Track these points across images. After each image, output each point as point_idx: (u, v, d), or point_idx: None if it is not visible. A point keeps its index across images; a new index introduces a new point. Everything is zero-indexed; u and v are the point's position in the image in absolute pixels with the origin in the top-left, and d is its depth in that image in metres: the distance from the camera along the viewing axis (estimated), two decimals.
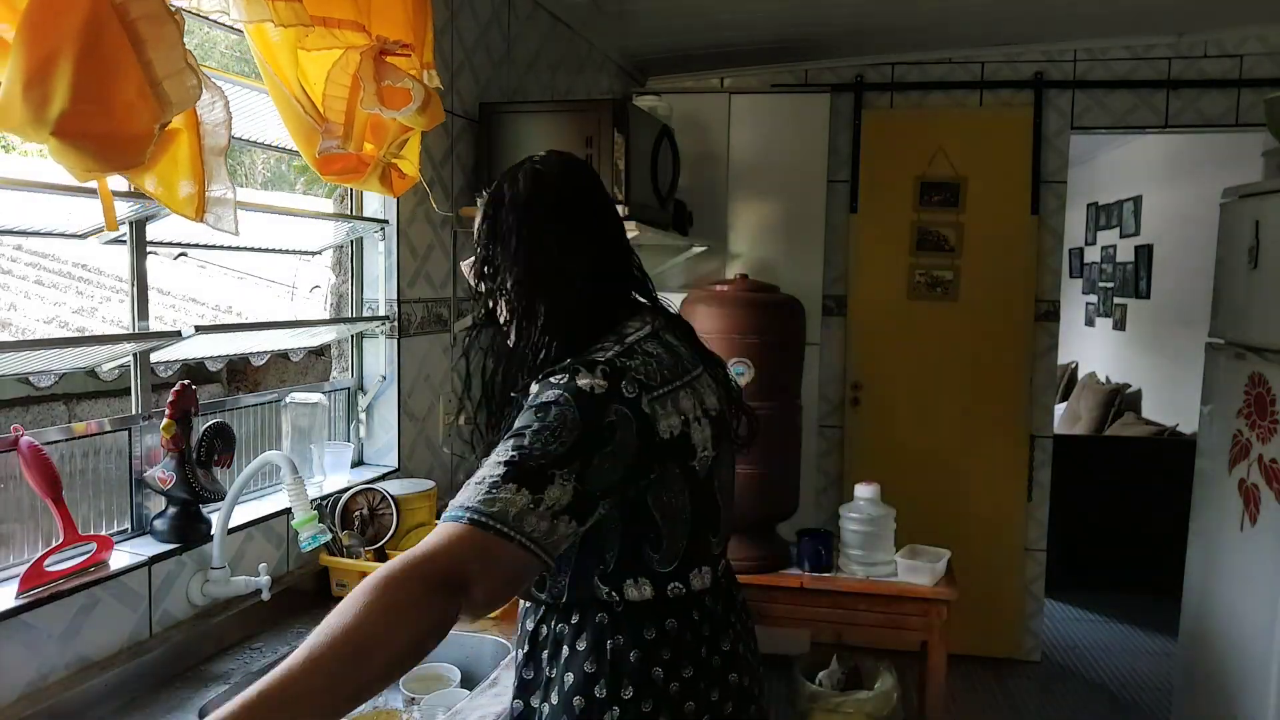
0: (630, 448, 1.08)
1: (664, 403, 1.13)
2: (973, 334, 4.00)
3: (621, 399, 1.08)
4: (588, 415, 1.06)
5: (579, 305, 1.19)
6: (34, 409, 2.58)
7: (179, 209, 1.32)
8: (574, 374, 1.09)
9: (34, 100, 1.07)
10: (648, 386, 1.12)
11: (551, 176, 1.23)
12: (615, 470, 1.07)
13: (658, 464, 1.12)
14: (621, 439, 1.07)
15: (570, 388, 1.07)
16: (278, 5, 1.38)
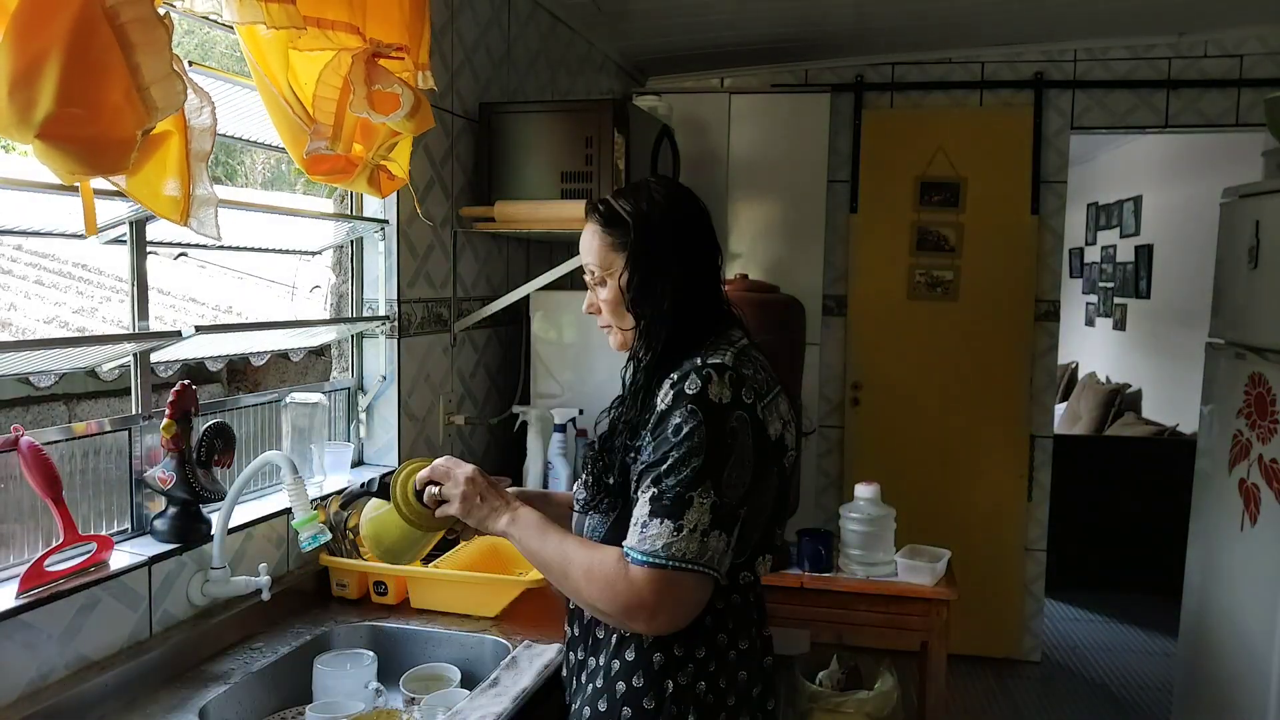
0: (749, 451, 1.22)
1: (770, 408, 1.28)
2: (973, 334, 4.00)
3: (742, 405, 1.23)
4: (714, 427, 1.20)
5: (701, 313, 1.34)
6: (34, 409, 2.58)
7: (164, 212, 1.32)
8: (706, 382, 1.22)
9: (20, 102, 1.07)
10: (760, 394, 1.27)
11: (681, 200, 1.40)
12: (745, 475, 1.22)
13: (767, 464, 1.26)
14: (743, 443, 1.22)
15: (701, 400, 1.21)
16: (270, 7, 1.38)
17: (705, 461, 1.18)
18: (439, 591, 1.83)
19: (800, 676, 2.65)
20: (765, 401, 1.28)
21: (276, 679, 1.60)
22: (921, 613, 2.36)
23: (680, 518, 1.17)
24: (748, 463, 1.22)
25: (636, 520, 1.21)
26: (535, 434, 2.49)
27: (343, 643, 1.72)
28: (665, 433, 1.21)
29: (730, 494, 1.20)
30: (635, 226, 1.35)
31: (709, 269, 1.38)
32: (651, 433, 1.23)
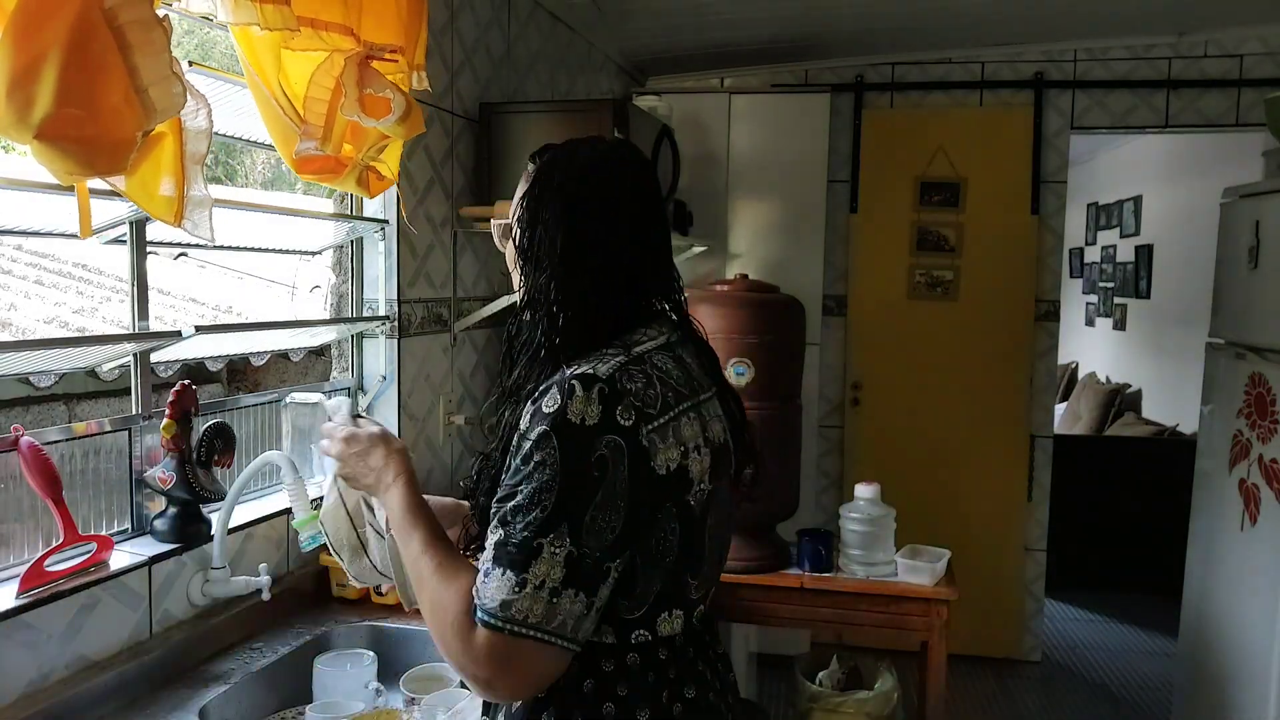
0: (623, 486, 0.97)
1: (664, 432, 1.02)
2: (973, 334, 4.00)
3: (615, 428, 0.98)
4: (572, 457, 0.96)
5: (596, 301, 1.08)
6: (34, 409, 2.58)
7: (158, 214, 1.33)
8: (569, 397, 0.97)
9: (18, 102, 1.07)
10: (647, 414, 1.01)
11: (604, 162, 1.13)
12: (614, 520, 0.97)
13: (651, 503, 1.01)
14: (613, 478, 0.97)
15: (558, 421, 0.97)
16: (265, 8, 1.38)
17: (558, 501, 0.95)
18: None
19: (800, 676, 2.65)
20: (656, 424, 1.01)
21: (276, 679, 1.60)
22: (921, 613, 2.36)
23: (524, 570, 0.94)
24: (619, 503, 0.97)
25: (481, 564, 0.98)
26: None
27: (343, 643, 1.72)
28: (517, 462, 0.98)
29: (592, 543, 0.96)
30: (535, 174, 1.12)
31: (617, 242, 1.09)
32: (513, 459, 1.00)
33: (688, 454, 1.04)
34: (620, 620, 1.04)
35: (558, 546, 0.95)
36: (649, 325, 1.11)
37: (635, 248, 1.11)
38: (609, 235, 1.09)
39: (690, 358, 1.14)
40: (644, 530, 1.01)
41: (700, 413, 1.09)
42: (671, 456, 1.02)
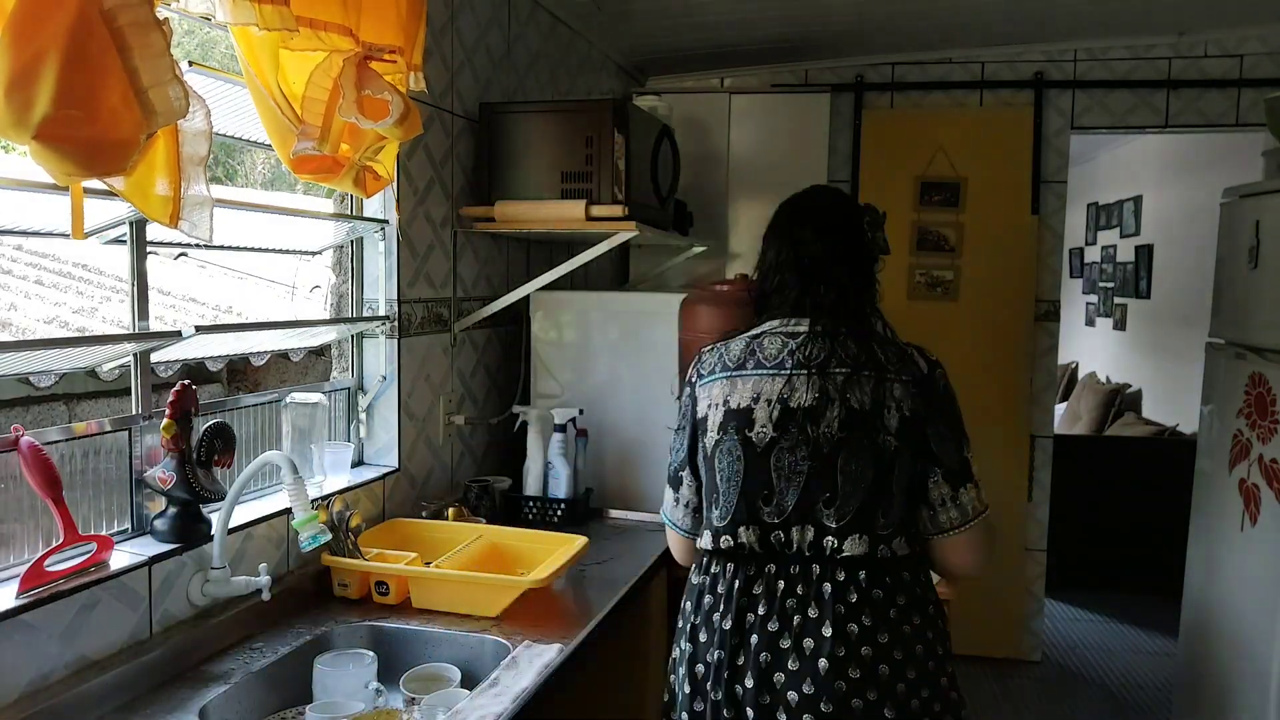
0: (687, 417, 1.53)
1: (707, 388, 1.50)
2: (973, 334, 4.00)
3: (688, 382, 1.55)
4: (680, 405, 1.57)
5: (760, 298, 1.62)
6: (34, 409, 2.58)
7: (154, 214, 1.33)
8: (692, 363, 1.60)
9: (17, 103, 1.07)
10: (703, 374, 1.53)
11: (788, 207, 1.76)
12: (680, 441, 1.54)
13: (700, 432, 1.50)
14: (683, 414, 1.54)
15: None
16: (263, 8, 1.38)
17: (677, 431, 1.57)
18: (440, 591, 1.83)
19: None
20: (704, 380, 1.51)
21: (276, 679, 1.60)
22: None
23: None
24: (683, 431, 1.53)
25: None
26: (535, 434, 2.49)
27: (343, 643, 1.72)
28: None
29: (673, 456, 1.55)
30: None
31: (769, 262, 1.64)
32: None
33: (714, 407, 1.48)
34: (714, 526, 1.49)
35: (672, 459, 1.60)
36: (782, 317, 1.54)
37: (772, 258, 1.64)
38: (767, 253, 1.68)
39: (785, 340, 1.50)
40: (695, 454, 1.53)
41: (771, 379, 1.46)
42: (702, 406, 1.50)
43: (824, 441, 1.42)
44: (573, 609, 1.89)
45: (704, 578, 1.51)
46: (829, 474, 1.41)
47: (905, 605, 1.42)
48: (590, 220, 2.33)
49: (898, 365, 1.46)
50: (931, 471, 1.44)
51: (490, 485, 2.40)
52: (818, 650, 1.39)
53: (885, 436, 1.41)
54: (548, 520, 2.44)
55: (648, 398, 2.62)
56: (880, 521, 1.42)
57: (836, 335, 1.49)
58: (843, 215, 1.70)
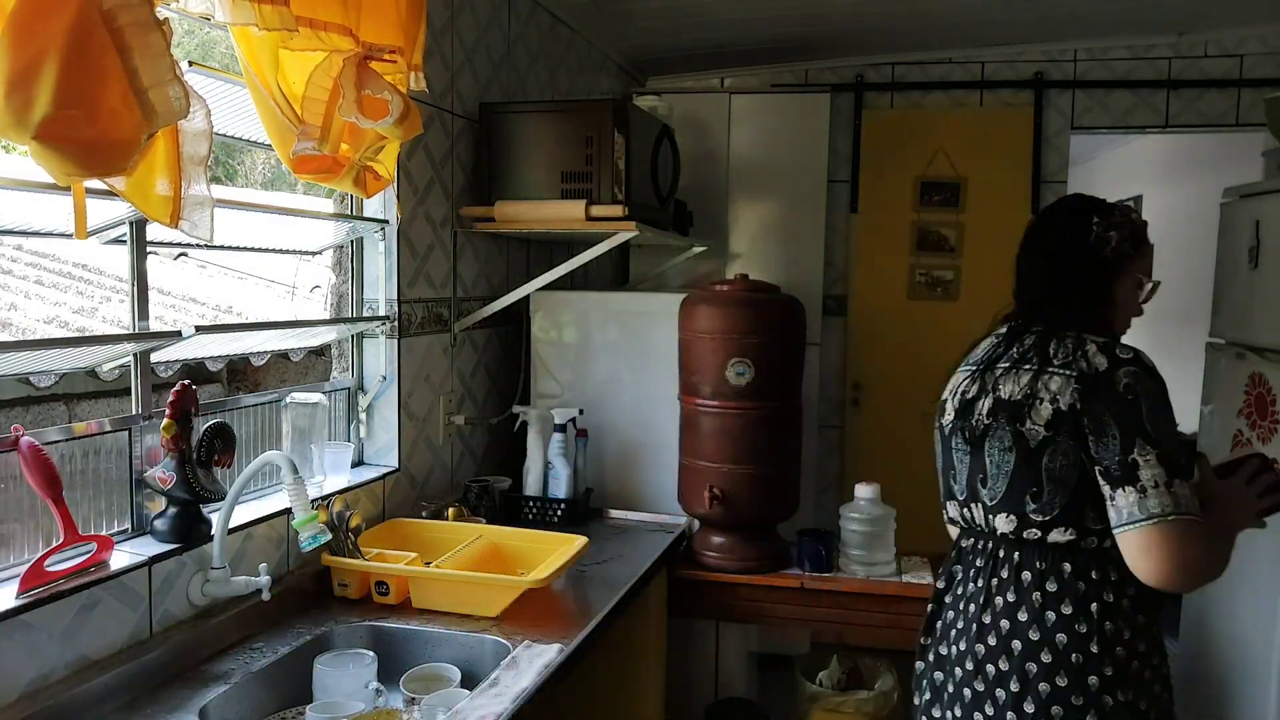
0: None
1: (948, 382, 1.69)
2: (973, 334, 3.96)
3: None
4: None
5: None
6: (34, 409, 2.58)
7: (154, 214, 1.33)
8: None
9: (17, 103, 1.07)
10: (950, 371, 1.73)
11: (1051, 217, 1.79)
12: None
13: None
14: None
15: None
16: (263, 8, 1.38)
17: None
18: (440, 591, 1.83)
19: (800, 676, 2.65)
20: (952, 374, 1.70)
21: (276, 679, 1.60)
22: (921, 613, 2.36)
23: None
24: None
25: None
26: (535, 434, 2.49)
27: (343, 643, 1.72)
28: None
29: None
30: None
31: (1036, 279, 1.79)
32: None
33: (945, 401, 1.66)
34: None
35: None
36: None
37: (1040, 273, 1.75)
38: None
39: (1012, 341, 1.64)
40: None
41: (968, 374, 1.65)
42: (943, 395, 1.68)
43: (976, 428, 1.57)
44: (573, 609, 1.89)
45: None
46: (980, 459, 1.56)
47: (1055, 592, 1.48)
48: (590, 220, 2.33)
49: (1064, 359, 1.51)
50: (1093, 469, 1.46)
51: (490, 485, 2.40)
52: (996, 619, 1.52)
53: (1032, 425, 1.49)
54: (548, 520, 2.44)
55: (648, 398, 2.62)
56: (1030, 505, 1.49)
57: (1023, 334, 1.62)
58: (1062, 216, 1.74)
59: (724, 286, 2.40)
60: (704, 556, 2.41)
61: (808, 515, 3.31)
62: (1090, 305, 1.64)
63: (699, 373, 2.32)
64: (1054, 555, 1.49)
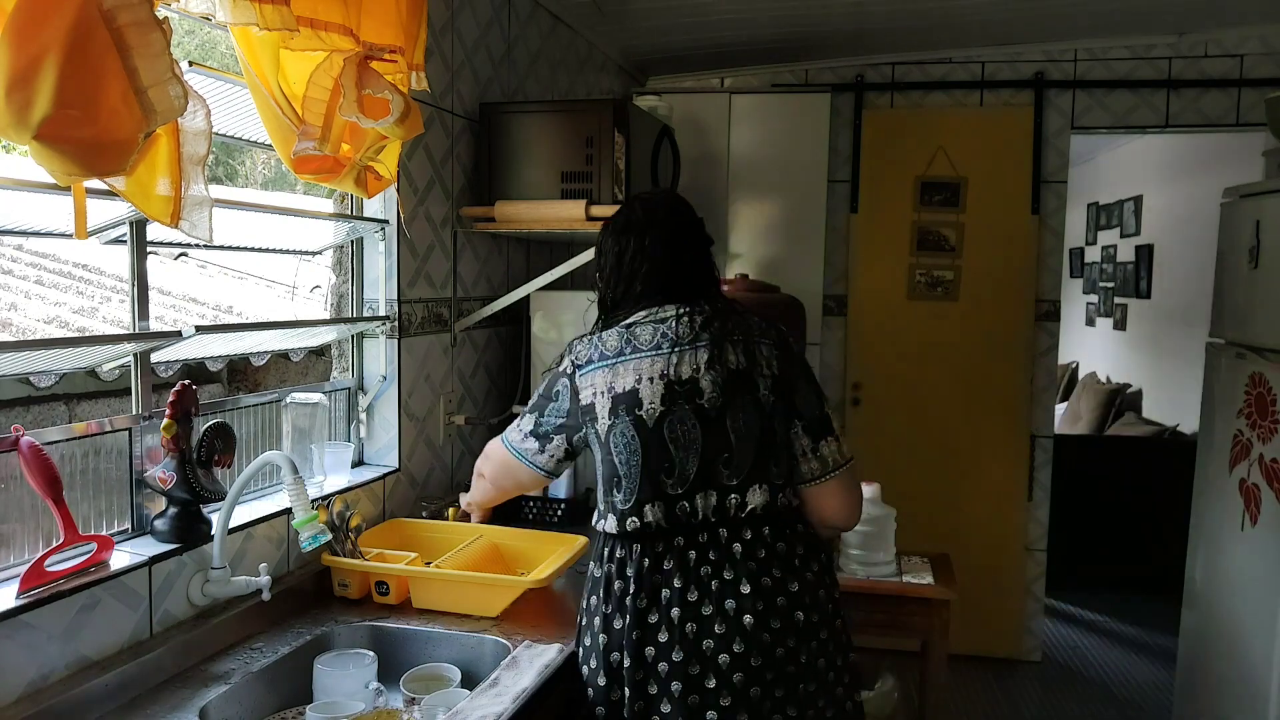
0: (565, 402, 1.62)
1: (593, 375, 1.58)
2: (973, 334, 4.00)
3: (564, 371, 1.64)
4: (546, 383, 1.67)
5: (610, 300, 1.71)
6: (34, 409, 2.58)
7: (154, 214, 1.33)
8: (562, 353, 1.67)
9: (17, 103, 1.07)
10: (579, 365, 1.61)
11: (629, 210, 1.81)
12: (558, 416, 1.63)
13: (585, 417, 1.58)
14: (559, 395, 1.63)
15: (551, 366, 1.67)
16: (264, 8, 1.38)
17: (537, 400, 1.69)
18: (440, 591, 1.83)
19: None
20: (584, 370, 1.60)
21: (277, 679, 1.60)
22: (921, 613, 2.36)
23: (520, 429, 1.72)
24: (560, 410, 1.64)
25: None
26: None
27: (343, 643, 1.72)
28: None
29: (545, 424, 1.66)
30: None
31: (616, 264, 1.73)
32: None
33: (617, 387, 1.55)
34: (617, 510, 1.54)
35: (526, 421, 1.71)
36: (649, 308, 1.63)
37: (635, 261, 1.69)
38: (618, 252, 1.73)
39: (657, 325, 1.59)
40: (597, 435, 1.57)
41: (648, 361, 1.55)
42: (598, 389, 1.56)
43: (710, 405, 1.53)
44: (573, 609, 1.89)
45: (609, 565, 1.56)
46: (722, 434, 1.52)
47: (804, 554, 1.55)
48: (590, 220, 2.33)
49: (760, 330, 1.62)
50: (794, 424, 1.57)
51: None
52: (740, 608, 1.47)
53: (764, 392, 1.54)
54: (548, 520, 2.44)
55: None
56: (774, 471, 1.54)
57: (699, 312, 1.61)
58: (683, 213, 1.85)
59: (724, 286, 2.40)
60: None
61: None
62: (720, 287, 1.79)
63: None
64: (792, 520, 1.58)
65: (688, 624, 1.48)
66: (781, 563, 1.52)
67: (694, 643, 1.48)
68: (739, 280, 2.54)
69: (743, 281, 2.53)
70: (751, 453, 1.53)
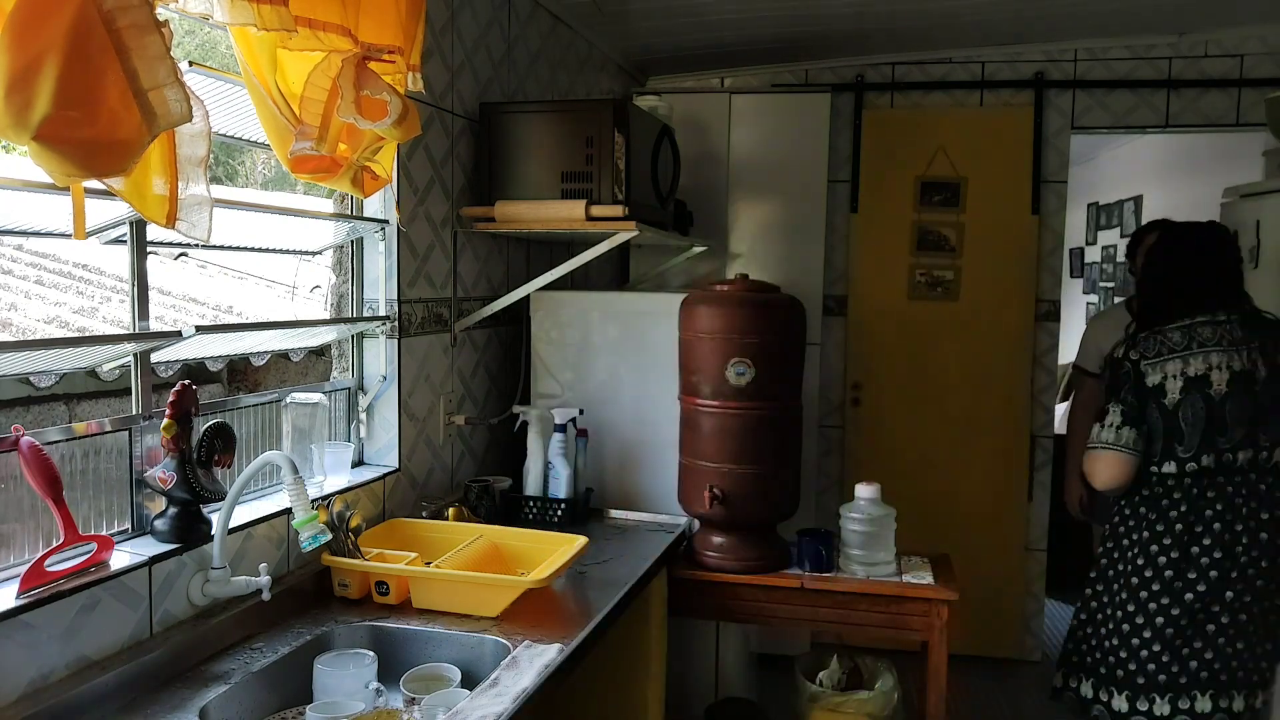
0: (1129, 385, 2.26)
1: (1154, 366, 2.24)
2: (973, 334, 4.00)
3: (1129, 359, 2.29)
4: (1112, 371, 2.34)
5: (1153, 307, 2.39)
6: (34, 409, 2.58)
7: (151, 215, 1.33)
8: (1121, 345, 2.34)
9: (17, 104, 1.07)
10: (1144, 355, 2.26)
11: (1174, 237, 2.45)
12: (1130, 398, 2.26)
13: (1149, 397, 2.24)
14: (1128, 381, 2.27)
15: (1112, 356, 2.38)
16: (262, 9, 1.38)
17: (1109, 386, 2.40)
18: (440, 591, 1.83)
19: (800, 676, 2.64)
20: (1149, 360, 2.26)
21: (277, 679, 1.60)
22: (921, 613, 2.36)
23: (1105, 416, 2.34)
24: (1130, 393, 2.29)
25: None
26: (535, 434, 2.49)
27: (343, 643, 1.72)
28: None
29: (1128, 406, 2.29)
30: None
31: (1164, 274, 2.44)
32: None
33: (1167, 378, 2.22)
34: (1173, 459, 2.24)
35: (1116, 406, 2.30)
36: (1199, 315, 2.27)
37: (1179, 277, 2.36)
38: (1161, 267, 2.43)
39: (1211, 331, 2.24)
40: (1159, 409, 2.25)
41: (1187, 360, 2.22)
42: (1156, 378, 2.24)
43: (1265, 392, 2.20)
44: (573, 609, 1.89)
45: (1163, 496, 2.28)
46: (1265, 413, 2.21)
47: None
48: (590, 220, 2.33)
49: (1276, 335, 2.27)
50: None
51: (490, 485, 2.40)
52: (1259, 526, 2.20)
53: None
54: (548, 520, 2.44)
55: (648, 398, 2.62)
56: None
57: (1235, 321, 2.25)
58: (1221, 240, 2.38)
59: (724, 286, 2.40)
60: (704, 556, 2.41)
61: (808, 515, 3.31)
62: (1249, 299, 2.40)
63: (699, 373, 2.32)
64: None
65: (1226, 533, 2.24)
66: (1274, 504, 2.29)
67: (1229, 544, 2.23)
68: (739, 280, 2.54)
69: (743, 281, 2.52)
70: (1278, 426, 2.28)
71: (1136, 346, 2.28)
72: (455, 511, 2.22)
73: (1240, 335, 2.21)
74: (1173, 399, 2.20)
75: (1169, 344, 2.24)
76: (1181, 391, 2.20)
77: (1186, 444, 2.21)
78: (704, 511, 2.35)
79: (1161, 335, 2.26)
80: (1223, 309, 2.25)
